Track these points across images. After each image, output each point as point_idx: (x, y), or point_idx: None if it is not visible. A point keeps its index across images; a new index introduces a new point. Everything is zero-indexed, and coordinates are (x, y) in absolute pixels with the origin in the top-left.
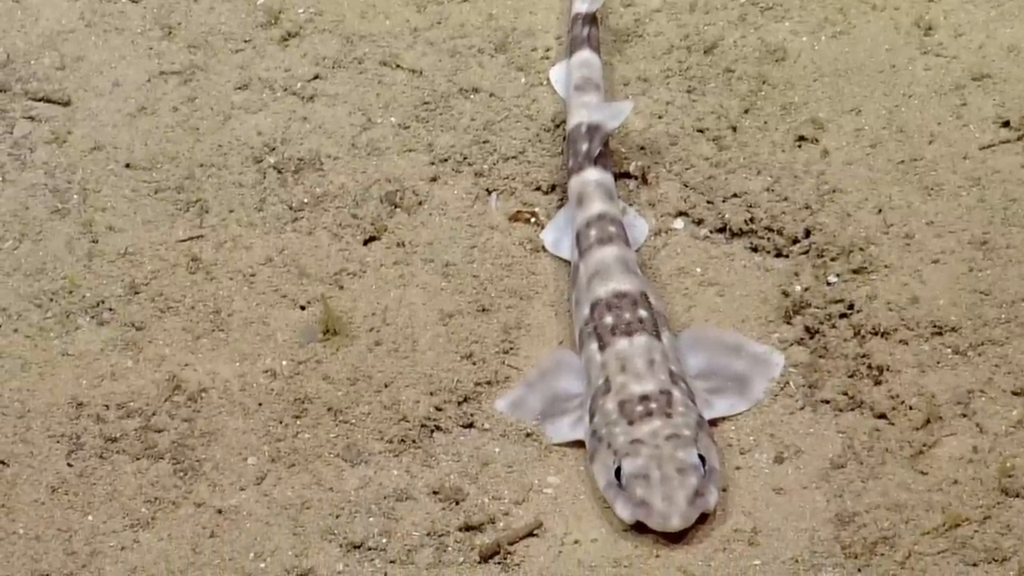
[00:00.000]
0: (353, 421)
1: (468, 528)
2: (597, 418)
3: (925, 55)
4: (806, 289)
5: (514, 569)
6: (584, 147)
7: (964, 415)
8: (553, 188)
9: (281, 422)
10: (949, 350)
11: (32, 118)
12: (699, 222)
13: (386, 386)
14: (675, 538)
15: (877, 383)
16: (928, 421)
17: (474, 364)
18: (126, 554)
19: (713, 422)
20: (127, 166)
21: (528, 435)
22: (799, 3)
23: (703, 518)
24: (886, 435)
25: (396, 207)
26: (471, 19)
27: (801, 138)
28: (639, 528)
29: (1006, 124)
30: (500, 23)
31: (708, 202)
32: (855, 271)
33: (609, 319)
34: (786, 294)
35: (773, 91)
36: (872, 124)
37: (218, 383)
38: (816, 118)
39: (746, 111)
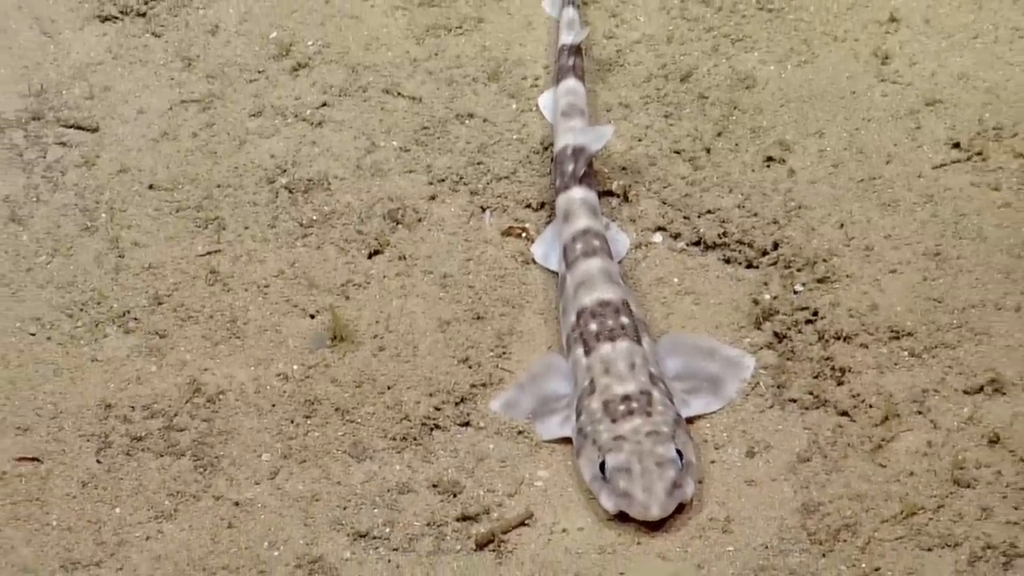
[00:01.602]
0: (359, 420)
1: (465, 518)
2: (583, 417)
3: (882, 82)
4: (774, 297)
5: (507, 556)
6: (570, 168)
7: (919, 412)
8: (542, 205)
9: (292, 422)
10: (905, 353)
11: (63, 143)
12: (676, 236)
13: (389, 388)
14: (655, 526)
15: (840, 383)
16: (886, 418)
17: (470, 368)
18: (151, 543)
19: (690, 420)
20: (151, 187)
21: (520, 433)
22: (767, 35)
23: (681, 508)
24: (848, 431)
25: (398, 223)
26: (466, 51)
27: (769, 159)
28: (622, 518)
29: (956, 145)
30: (493, 54)
31: (684, 217)
32: (819, 281)
33: (594, 326)
34: (756, 302)
35: (743, 116)
36: (834, 146)
37: (235, 386)
38: (783, 140)
39: (719, 134)
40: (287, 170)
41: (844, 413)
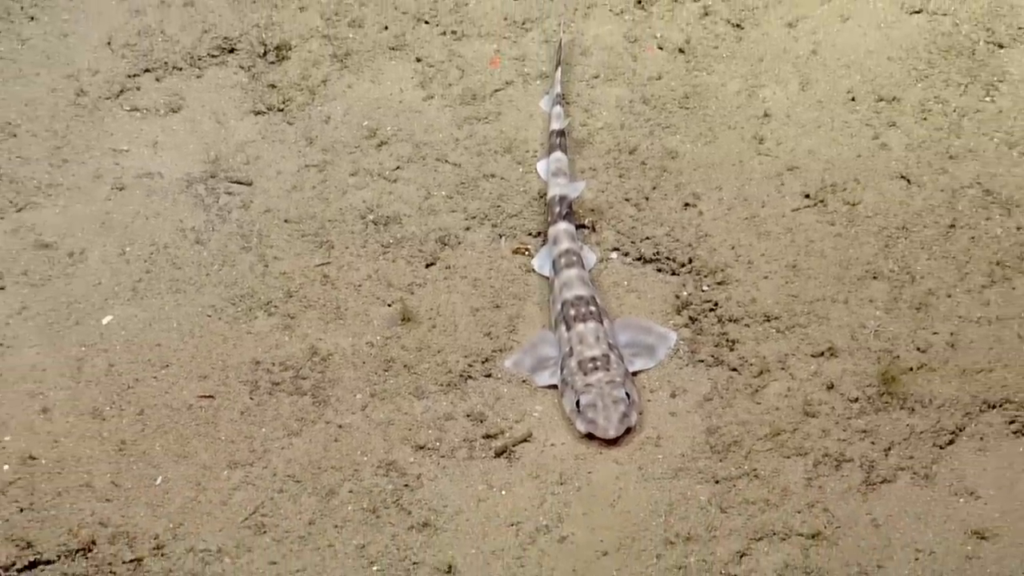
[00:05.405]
0: (419, 373)
1: (488, 437)
2: (565, 371)
3: (760, 155)
4: (689, 294)
5: (515, 461)
6: (557, 209)
7: (783, 369)
8: (539, 234)
9: (376, 373)
10: (774, 330)
11: (230, 193)
12: (626, 254)
13: (439, 352)
14: (611, 443)
15: (731, 350)
16: (761, 372)
17: (491, 339)
18: (285, 451)
19: (635, 373)
20: (286, 221)
21: (524, 381)
22: (685, 124)
23: (628, 431)
24: (736, 381)
25: (445, 245)
26: (490, 133)
27: (687, 204)
28: (590, 437)
29: (807, 196)
30: (507, 135)
31: (632, 242)
32: (719, 283)
33: (572, 312)
34: (677, 297)
35: (670, 176)
36: (728, 196)
37: (339, 350)
38: (695, 192)
39: (654, 188)
40: (373, 210)
41: (734, 369)
